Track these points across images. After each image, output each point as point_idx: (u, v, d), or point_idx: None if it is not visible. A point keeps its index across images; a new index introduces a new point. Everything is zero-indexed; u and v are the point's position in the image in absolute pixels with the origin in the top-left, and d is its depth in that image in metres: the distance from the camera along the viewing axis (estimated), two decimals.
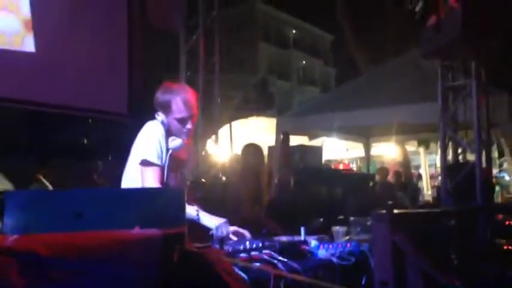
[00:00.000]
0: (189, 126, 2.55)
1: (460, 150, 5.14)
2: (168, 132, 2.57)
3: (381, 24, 12.92)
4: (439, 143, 5.17)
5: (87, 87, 5.79)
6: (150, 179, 2.47)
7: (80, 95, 5.73)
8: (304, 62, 38.65)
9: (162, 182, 2.51)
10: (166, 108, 2.53)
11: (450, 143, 5.11)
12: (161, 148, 2.50)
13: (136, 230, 1.41)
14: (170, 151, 2.56)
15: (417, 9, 5.29)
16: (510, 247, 3.84)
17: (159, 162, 2.49)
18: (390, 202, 2.58)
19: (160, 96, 2.57)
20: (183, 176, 2.77)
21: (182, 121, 2.54)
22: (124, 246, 1.29)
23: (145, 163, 2.49)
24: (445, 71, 5.00)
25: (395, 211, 2.63)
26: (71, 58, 5.62)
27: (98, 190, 2.16)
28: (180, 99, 2.53)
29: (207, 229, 2.62)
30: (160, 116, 2.59)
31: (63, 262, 1.14)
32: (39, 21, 5.35)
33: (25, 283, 1.09)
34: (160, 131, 2.53)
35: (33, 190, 1.69)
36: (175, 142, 2.55)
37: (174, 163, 2.62)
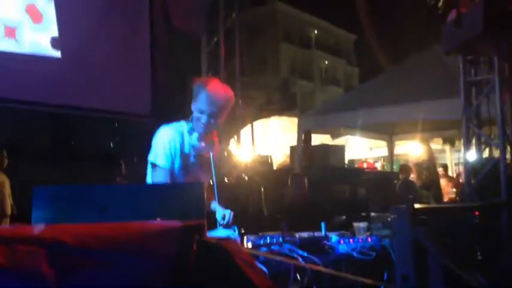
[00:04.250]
0: (203, 120, 2.61)
1: (483, 147, 5.06)
2: (192, 127, 2.68)
3: (404, 22, 12.77)
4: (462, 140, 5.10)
5: (111, 89, 5.92)
6: (156, 180, 2.60)
7: (104, 98, 5.86)
8: (326, 62, 38.43)
9: (185, 175, 2.64)
10: (195, 98, 2.64)
11: (474, 139, 5.04)
12: (168, 150, 2.60)
13: (157, 222, 1.46)
14: (196, 149, 2.68)
15: (439, 4, 5.24)
16: None
17: (162, 164, 2.59)
18: (411, 196, 2.58)
19: (195, 86, 2.68)
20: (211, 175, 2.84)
21: (200, 112, 2.61)
22: (145, 236, 1.33)
23: (152, 166, 2.64)
24: (468, 65, 4.94)
25: (416, 206, 2.62)
26: (95, 62, 5.76)
27: (122, 186, 2.23)
28: (207, 91, 2.61)
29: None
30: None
31: (88, 252, 1.19)
32: (64, 28, 5.50)
33: (54, 272, 1.14)
34: (170, 133, 2.64)
35: (60, 185, 1.75)
36: (197, 139, 2.67)
37: (203, 162, 2.73)
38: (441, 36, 4.81)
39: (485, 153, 5.16)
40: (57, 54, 5.47)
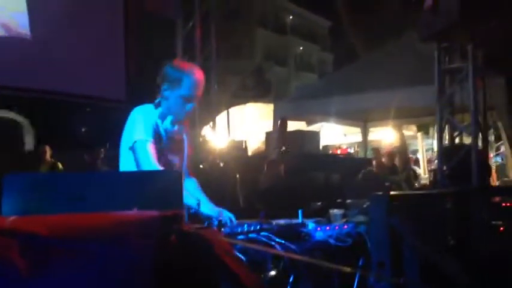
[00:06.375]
0: (190, 106, 2.57)
1: (456, 134, 5.15)
2: (167, 111, 2.60)
3: (379, 8, 12.82)
4: (435, 126, 5.18)
5: (84, 74, 5.78)
6: (144, 156, 2.46)
7: (76, 82, 5.72)
8: (301, 48, 38.43)
9: (158, 158, 2.51)
10: (175, 84, 2.53)
11: (447, 127, 5.12)
12: (148, 126, 2.52)
13: (134, 212, 1.42)
14: (169, 132, 2.61)
15: None
16: (506, 228, 3.86)
17: (145, 137, 2.49)
18: (387, 184, 2.61)
19: (171, 70, 2.57)
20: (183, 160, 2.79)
21: (187, 99, 2.55)
22: (122, 227, 1.30)
23: (134, 143, 2.50)
24: (442, 53, 4.99)
25: (392, 193, 2.65)
26: (67, 44, 5.60)
27: (98, 173, 2.17)
28: (192, 77, 2.55)
29: (206, 218, 2.63)
30: (160, 95, 2.60)
31: (63, 242, 1.15)
32: (34, 6, 5.31)
33: (26, 264, 1.10)
34: (144, 114, 2.55)
35: (33, 173, 1.69)
36: (171, 123, 2.60)
37: (176, 146, 2.67)
38: (416, 23, 4.84)
39: (457, 141, 5.26)
40: (26, 35, 5.30)
